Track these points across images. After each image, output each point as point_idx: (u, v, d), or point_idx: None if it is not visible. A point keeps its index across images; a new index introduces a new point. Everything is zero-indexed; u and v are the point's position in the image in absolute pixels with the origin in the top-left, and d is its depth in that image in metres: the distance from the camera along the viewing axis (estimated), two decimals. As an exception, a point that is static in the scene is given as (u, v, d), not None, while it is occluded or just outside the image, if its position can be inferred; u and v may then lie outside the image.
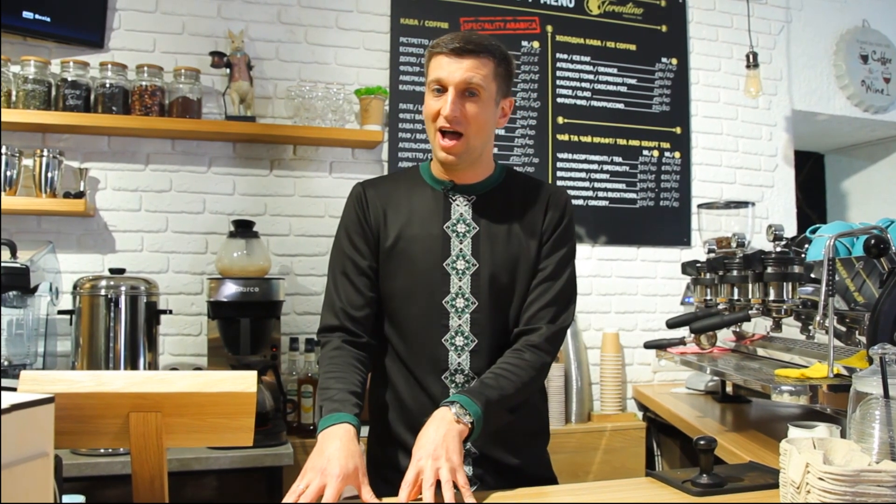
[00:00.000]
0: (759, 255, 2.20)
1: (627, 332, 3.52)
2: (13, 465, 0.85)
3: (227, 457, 2.40)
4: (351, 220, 1.78)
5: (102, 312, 2.52)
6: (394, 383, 1.76)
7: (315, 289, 3.14)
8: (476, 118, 1.65)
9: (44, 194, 2.73)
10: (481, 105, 1.66)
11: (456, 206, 1.75)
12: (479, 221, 1.74)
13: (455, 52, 1.63)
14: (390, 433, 1.76)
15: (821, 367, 1.97)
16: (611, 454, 3.15)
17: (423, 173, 1.81)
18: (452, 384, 1.70)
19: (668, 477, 1.65)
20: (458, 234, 1.72)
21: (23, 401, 0.88)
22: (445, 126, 1.65)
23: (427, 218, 1.74)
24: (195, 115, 2.92)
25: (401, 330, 1.74)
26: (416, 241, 1.72)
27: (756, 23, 3.77)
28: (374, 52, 3.29)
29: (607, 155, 3.55)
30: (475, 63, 1.63)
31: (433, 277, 1.70)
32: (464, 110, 1.64)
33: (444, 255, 1.71)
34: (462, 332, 1.70)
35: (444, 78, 1.63)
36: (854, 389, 1.44)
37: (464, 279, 1.71)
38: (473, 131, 1.67)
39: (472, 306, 1.71)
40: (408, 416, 1.72)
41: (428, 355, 1.71)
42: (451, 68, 1.63)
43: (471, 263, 1.71)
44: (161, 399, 1.22)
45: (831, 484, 1.20)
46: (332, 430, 1.50)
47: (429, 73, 1.69)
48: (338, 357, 1.68)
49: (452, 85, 1.63)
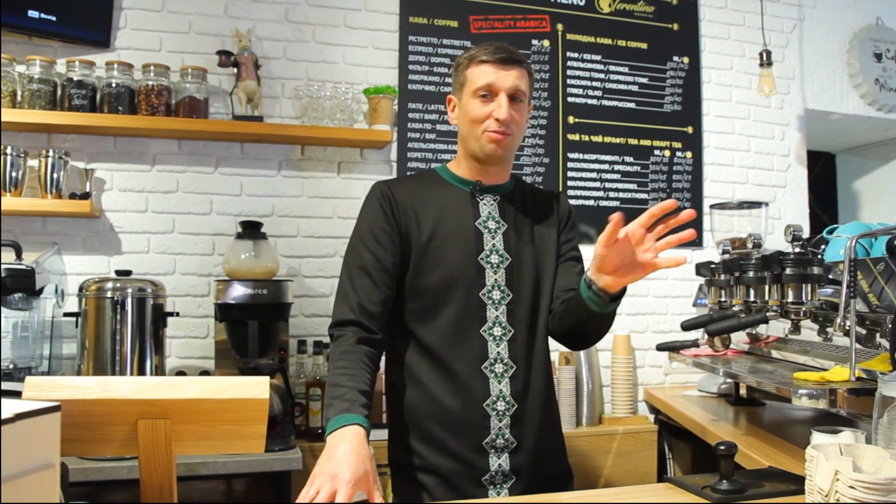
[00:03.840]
0: (777, 255, 2.15)
1: (639, 334, 3.49)
2: (17, 477, 0.81)
3: (235, 461, 2.37)
4: (375, 216, 1.81)
5: (108, 315, 2.49)
6: (425, 383, 1.77)
7: (323, 290, 3.11)
8: (520, 121, 1.81)
9: (49, 195, 2.70)
10: (523, 109, 1.81)
11: (483, 204, 1.86)
12: (506, 219, 1.86)
13: (502, 62, 1.77)
14: (424, 434, 1.76)
15: (841, 370, 1.93)
16: (622, 457, 3.11)
17: (444, 174, 1.90)
18: (492, 374, 1.75)
19: (687, 483, 1.61)
20: (490, 231, 1.83)
21: (27, 409, 0.85)
22: (498, 129, 1.77)
23: (458, 214, 1.82)
24: (202, 115, 2.90)
25: (436, 325, 1.77)
26: (451, 237, 1.80)
27: (769, 21, 3.73)
28: (383, 51, 3.26)
29: (618, 155, 3.52)
30: (519, 73, 1.78)
31: (469, 271, 1.78)
32: (512, 113, 1.77)
33: (478, 249, 1.80)
34: (500, 322, 1.78)
35: (495, 84, 1.76)
36: (880, 394, 1.41)
37: (499, 272, 1.80)
38: (517, 132, 1.82)
39: (507, 298, 1.80)
40: (445, 413, 1.74)
41: (467, 347, 1.76)
42: (500, 76, 1.76)
43: (504, 258, 1.82)
44: (170, 405, 1.19)
45: (862, 493, 1.16)
46: (342, 432, 1.49)
47: (470, 80, 1.80)
48: (351, 353, 1.68)
49: (504, 91, 1.76)
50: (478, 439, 1.73)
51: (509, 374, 1.76)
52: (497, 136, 1.77)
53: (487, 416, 1.73)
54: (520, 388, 1.77)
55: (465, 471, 1.73)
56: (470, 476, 1.73)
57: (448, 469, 1.73)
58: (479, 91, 1.78)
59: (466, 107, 1.81)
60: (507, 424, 1.74)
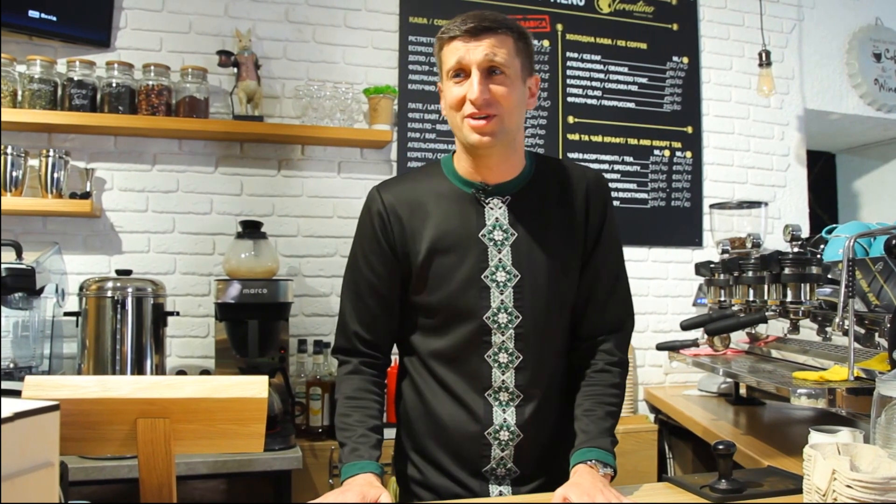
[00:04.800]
0: (776, 255, 2.16)
1: (639, 333, 3.48)
2: (16, 475, 0.81)
3: (235, 460, 2.37)
4: (366, 236, 1.63)
5: (109, 314, 2.50)
6: (427, 399, 1.64)
7: (323, 290, 3.11)
8: (506, 97, 1.50)
9: (49, 195, 2.71)
10: (508, 83, 1.50)
11: (490, 210, 1.59)
12: (517, 226, 1.59)
13: (470, 33, 1.48)
14: (422, 449, 1.67)
15: (839, 369, 1.93)
16: (622, 457, 3.06)
17: (447, 171, 1.64)
18: (496, 402, 1.59)
19: (686, 482, 1.62)
20: (496, 243, 1.57)
21: (26, 408, 0.85)
22: (474, 112, 1.49)
23: (460, 226, 1.58)
24: (202, 115, 2.90)
25: (438, 345, 1.61)
26: (450, 254, 1.57)
27: (768, 21, 3.73)
28: (383, 51, 3.26)
29: (618, 155, 3.52)
30: (494, 41, 1.48)
31: (472, 292, 1.56)
32: (492, 91, 1.49)
33: (481, 266, 1.57)
34: (506, 348, 1.57)
35: (464, 59, 1.48)
36: (878, 393, 1.41)
37: (506, 292, 1.57)
38: (506, 111, 1.51)
39: (515, 321, 1.57)
40: (443, 433, 1.62)
41: (469, 373, 1.59)
42: (469, 48, 1.48)
43: (512, 275, 1.57)
44: (169, 405, 1.19)
45: (860, 492, 1.17)
46: (356, 479, 1.48)
47: (443, 62, 1.54)
48: (353, 381, 1.64)
49: (475, 65, 1.48)
50: (477, 467, 1.61)
51: (515, 402, 1.58)
52: (476, 122, 1.49)
53: (489, 445, 1.58)
54: (527, 417, 1.59)
55: (464, 493, 1.62)
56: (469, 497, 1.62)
57: (446, 489, 1.63)
58: (449, 73, 1.52)
59: (445, 92, 1.56)
60: (511, 455, 1.59)
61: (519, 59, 1.53)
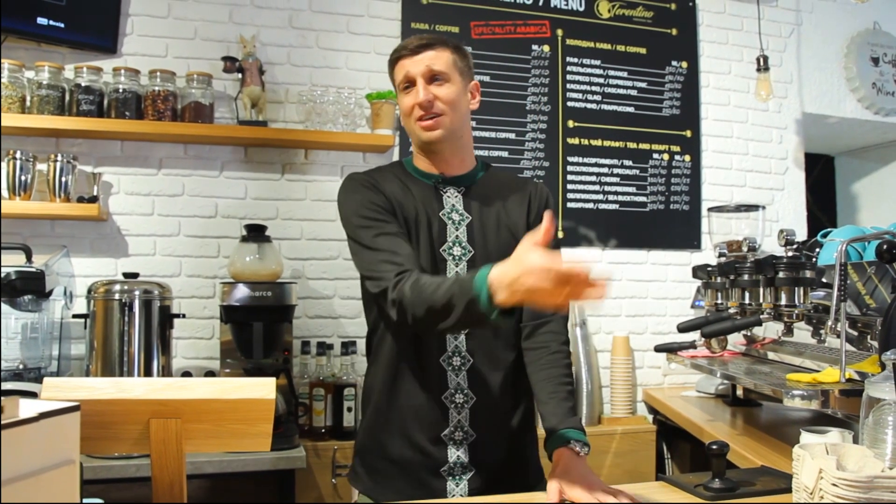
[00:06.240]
0: (770, 259, 2.20)
1: (638, 335, 3.53)
2: (40, 472, 0.86)
3: (240, 460, 2.41)
4: (366, 198, 1.74)
5: (116, 316, 2.53)
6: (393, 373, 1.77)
7: (326, 292, 3.15)
8: (448, 98, 1.75)
9: (58, 199, 2.76)
10: (450, 86, 1.76)
11: (447, 197, 1.82)
12: (471, 212, 1.81)
13: (413, 51, 1.75)
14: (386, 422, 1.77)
15: (832, 371, 1.97)
16: (621, 457, 3.15)
17: (409, 168, 1.87)
18: (450, 367, 1.74)
19: (680, 481, 1.66)
20: (454, 222, 1.79)
21: (50, 409, 0.90)
22: (422, 114, 1.74)
23: (423, 206, 1.78)
24: (207, 120, 2.95)
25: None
26: (416, 226, 1.76)
27: (766, 26, 3.77)
28: (385, 57, 3.21)
29: (617, 158, 3.56)
30: (433, 53, 1.75)
31: (432, 262, 1.75)
32: (435, 94, 1.74)
33: (441, 240, 1.77)
34: None
35: (410, 72, 1.75)
36: (867, 395, 1.44)
37: (460, 265, 1.76)
38: (450, 111, 1.76)
39: None
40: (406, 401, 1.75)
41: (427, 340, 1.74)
42: (413, 62, 1.75)
43: (467, 250, 1.77)
44: (181, 405, 1.23)
45: (845, 490, 1.21)
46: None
47: (395, 78, 1.81)
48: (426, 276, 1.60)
49: (419, 75, 1.74)
50: (437, 431, 1.74)
51: (466, 367, 1.74)
52: (425, 122, 1.74)
53: (446, 409, 1.73)
54: (479, 380, 1.75)
55: (424, 460, 1.74)
56: (428, 466, 1.74)
57: (407, 458, 1.75)
58: (400, 86, 1.79)
59: (399, 103, 1.82)
60: (466, 417, 1.74)
61: (458, 70, 1.79)
